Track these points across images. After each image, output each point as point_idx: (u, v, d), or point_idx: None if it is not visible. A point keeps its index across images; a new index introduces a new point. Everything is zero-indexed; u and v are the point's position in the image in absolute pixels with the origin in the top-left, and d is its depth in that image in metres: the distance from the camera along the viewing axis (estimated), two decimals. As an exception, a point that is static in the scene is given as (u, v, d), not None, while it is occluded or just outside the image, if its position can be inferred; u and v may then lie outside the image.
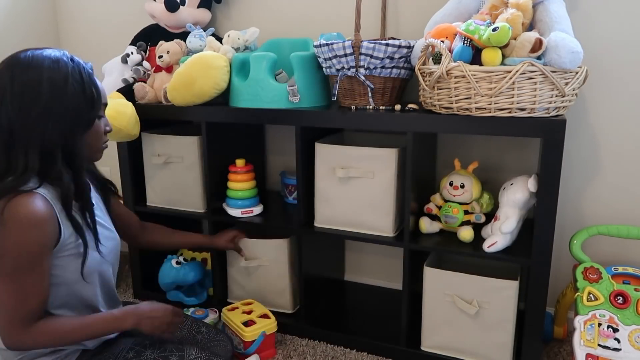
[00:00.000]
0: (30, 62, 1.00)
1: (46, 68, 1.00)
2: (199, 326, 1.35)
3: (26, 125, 0.99)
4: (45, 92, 0.99)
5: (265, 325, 1.50)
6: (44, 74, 1.00)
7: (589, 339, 1.29)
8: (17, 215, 0.95)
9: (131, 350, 1.14)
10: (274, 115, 1.52)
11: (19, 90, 0.98)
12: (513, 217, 1.33)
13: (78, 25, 2.24)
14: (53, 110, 1.00)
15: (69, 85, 1.01)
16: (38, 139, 0.99)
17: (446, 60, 1.22)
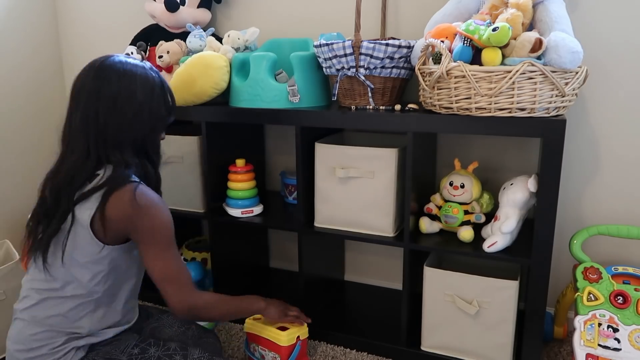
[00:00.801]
0: (124, 67, 1.14)
1: (139, 76, 1.14)
2: (189, 324, 1.36)
3: (121, 124, 1.12)
4: (139, 97, 1.13)
5: (299, 330, 1.45)
6: (137, 81, 1.13)
7: (589, 339, 1.29)
8: (152, 200, 1.11)
9: (136, 347, 1.17)
10: (274, 115, 1.52)
11: (116, 91, 1.11)
12: (513, 217, 1.33)
13: (78, 25, 2.24)
14: (143, 113, 1.14)
15: (155, 93, 1.17)
16: (130, 137, 1.14)
17: (446, 60, 1.22)
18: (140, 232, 1.10)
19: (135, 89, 1.12)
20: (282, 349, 1.41)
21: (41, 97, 2.23)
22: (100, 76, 1.12)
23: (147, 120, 1.16)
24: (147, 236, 1.11)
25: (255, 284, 1.93)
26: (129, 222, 1.09)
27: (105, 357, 1.14)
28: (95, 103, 1.10)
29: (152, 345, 1.18)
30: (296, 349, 1.43)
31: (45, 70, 2.25)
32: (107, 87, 1.11)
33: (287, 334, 1.42)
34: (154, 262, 1.13)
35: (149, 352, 1.17)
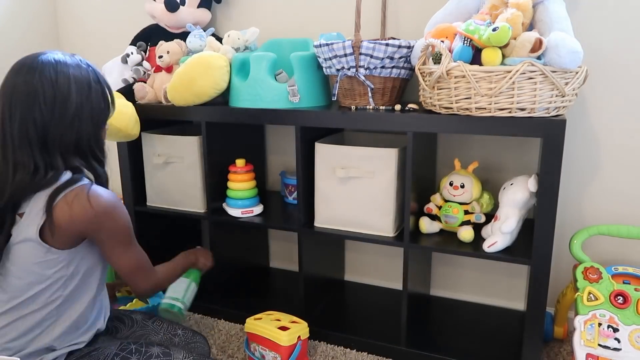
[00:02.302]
0: (56, 66, 1.06)
1: (71, 72, 1.07)
2: (175, 329, 1.33)
3: (60, 126, 1.05)
4: (75, 95, 1.06)
5: (300, 329, 1.45)
6: (71, 78, 1.06)
7: (589, 338, 1.29)
8: (109, 201, 1.07)
9: (117, 356, 1.12)
10: (274, 115, 1.52)
11: (51, 93, 1.04)
12: (513, 217, 1.33)
13: (78, 25, 2.24)
14: (83, 111, 1.07)
15: (92, 88, 1.09)
16: (73, 138, 1.07)
17: (446, 60, 1.22)
18: (103, 235, 1.08)
19: (69, 86, 1.05)
20: (282, 348, 1.41)
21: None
22: (34, 77, 1.03)
23: (88, 118, 1.08)
24: (110, 237, 1.09)
25: (255, 284, 1.93)
26: (88, 226, 1.05)
27: None
28: (31, 110, 1.03)
29: (133, 353, 1.13)
30: (297, 348, 1.43)
31: (45, 70, 2.24)
32: (41, 88, 1.03)
33: (287, 333, 1.42)
34: (121, 259, 1.13)
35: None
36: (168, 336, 1.32)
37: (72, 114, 1.06)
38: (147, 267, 1.21)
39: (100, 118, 1.13)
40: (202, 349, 1.34)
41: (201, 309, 1.80)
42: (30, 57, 1.06)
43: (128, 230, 1.13)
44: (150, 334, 1.31)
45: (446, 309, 1.74)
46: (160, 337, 1.31)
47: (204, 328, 1.71)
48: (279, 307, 1.68)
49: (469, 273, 1.77)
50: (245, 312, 1.64)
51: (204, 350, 1.34)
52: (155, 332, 1.31)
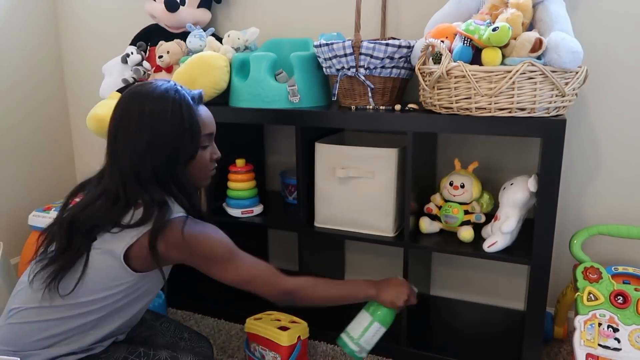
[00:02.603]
0: (137, 95, 1.08)
1: (150, 101, 1.07)
2: (182, 332, 1.34)
3: (134, 156, 1.06)
4: (147, 125, 1.06)
5: (300, 329, 1.45)
6: (146, 106, 1.06)
7: (589, 338, 1.29)
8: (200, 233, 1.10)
9: (125, 359, 1.13)
10: (274, 115, 1.52)
11: (126, 121, 1.06)
12: (513, 217, 1.33)
13: (78, 25, 2.24)
14: (155, 143, 1.06)
15: (168, 119, 1.07)
16: (149, 171, 1.06)
17: (446, 60, 1.22)
18: (197, 260, 1.11)
19: (142, 116, 1.06)
20: (282, 348, 1.41)
21: (41, 97, 2.23)
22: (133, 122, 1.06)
23: (161, 150, 1.07)
24: (204, 260, 1.12)
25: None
26: (181, 255, 1.08)
27: None
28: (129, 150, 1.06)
29: (141, 357, 1.14)
30: (297, 349, 1.43)
31: (46, 70, 2.24)
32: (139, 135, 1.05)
33: (288, 334, 1.42)
34: (226, 276, 1.16)
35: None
36: (174, 339, 1.32)
37: (143, 143, 1.05)
38: (264, 277, 1.19)
39: (180, 150, 1.09)
40: (206, 353, 1.34)
41: (201, 309, 1.80)
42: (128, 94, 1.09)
43: (222, 248, 1.14)
44: (157, 335, 1.31)
45: (446, 309, 1.74)
46: (167, 340, 1.31)
47: (204, 328, 1.71)
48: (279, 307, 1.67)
49: (469, 273, 1.78)
50: (245, 312, 1.64)
51: (208, 354, 1.34)
52: (163, 334, 1.32)
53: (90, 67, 2.25)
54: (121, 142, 1.07)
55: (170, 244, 1.05)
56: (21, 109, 2.15)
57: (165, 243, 1.05)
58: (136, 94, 1.09)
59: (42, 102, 2.23)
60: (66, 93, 2.35)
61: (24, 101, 2.15)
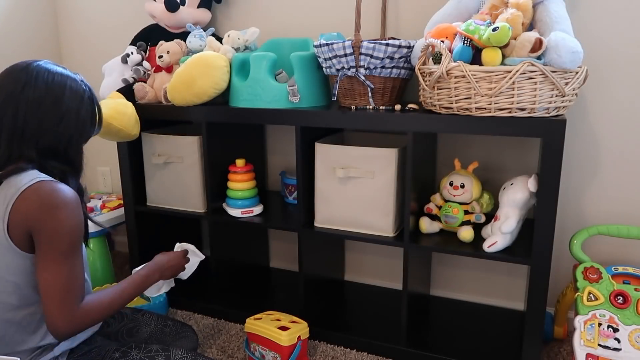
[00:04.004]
0: (54, 71, 1.08)
1: (68, 82, 1.09)
2: (165, 320, 1.37)
3: (43, 126, 1.04)
4: (66, 101, 1.07)
5: (300, 329, 1.46)
6: (67, 85, 1.08)
7: (589, 338, 1.29)
8: (63, 198, 0.99)
9: (117, 351, 1.14)
10: (274, 115, 1.52)
11: (42, 91, 1.04)
12: (513, 217, 1.33)
13: (78, 25, 2.24)
14: (70, 118, 1.07)
15: (84, 102, 1.11)
16: (52, 139, 1.05)
17: (446, 60, 1.22)
18: (42, 234, 0.97)
19: (62, 95, 1.06)
20: (282, 348, 1.41)
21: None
22: (24, 78, 1.04)
23: (73, 127, 1.07)
24: (47, 239, 0.97)
25: (255, 284, 1.93)
26: (32, 218, 0.96)
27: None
28: (15, 103, 1.02)
29: (133, 348, 1.15)
30: (297, 348, 1.43)
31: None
32: (31, 89, 1.03)
33: (288, 333, 1.42)
34: (47, 271, 0.98)
35: (131, 355, 1.14)
36: (159, 327, 1.35)
37: (59, 116, 1.05)
38: (75, 296, 1.00)
39: (85, 131, 1.11)
40: (192, 339, 1.38)
41: (201, 309, 1.80)
42: (30, 61, 1.08)
43: (69, 236, 0.99)
44: (141, 325, 1.33)
45: (446, 309, 1.74)
46: (151, 328, 1.33)
47: (204, 328, 1.71)
48: (279, 307, 1.68)
49: (469, 273, 1.78)
50: (245, 312, 1.64)
51: (193, 339, 1.39)
52: (146, 324, 1.34)
53: (90, 67, 2.25)
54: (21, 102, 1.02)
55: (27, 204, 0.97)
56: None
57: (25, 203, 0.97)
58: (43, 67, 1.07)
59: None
60: (66, 93, 2.34)
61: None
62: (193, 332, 1.41)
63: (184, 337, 1.37)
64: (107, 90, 1.77)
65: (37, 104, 1.03)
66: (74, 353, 1.12)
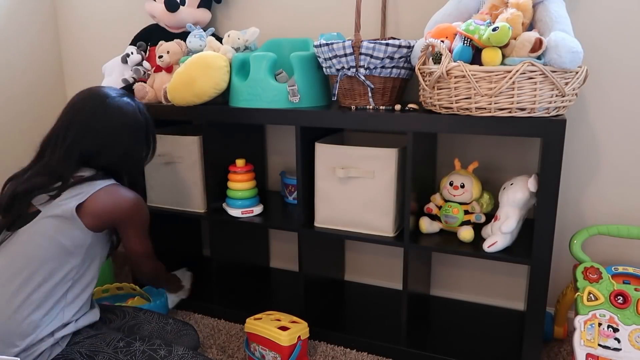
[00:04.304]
0: (124, 104, 1.29)
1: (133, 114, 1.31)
2: (166, 319, 1.41)
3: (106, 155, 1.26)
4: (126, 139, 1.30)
5: (300, 329, 1.46)
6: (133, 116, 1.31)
7: (589, 338, 1.29)
8: (137, 197, 1.27)
9: (122, 340, 1.20)
10: (274, 115, 1.52)
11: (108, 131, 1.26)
12: (513, 217, 1.33)
13: (78, 25, 2.24)
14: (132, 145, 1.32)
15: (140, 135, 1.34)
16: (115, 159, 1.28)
17: (446, 60, 1.22)
18: (129, 223, 1.26)
19: (125, 130, 1.28)
20: (282, 348, 1.41)
21: (41, 97, 2.23)
22: (96, 112, 1.25)
23: (128, 159, 1.31)
24: (133, 226, 1.28)
25: (255, 284, 1.93)
26: (121, 215, 1.23)
27: (89, 349, 1.16)
28: (84, 138, 1.23)
29: (137, 340, 1.21)
30: (297, 348, 1.43)
31: (46, 70, 2.25)
32: (99, 124, 1.24)
33: (288, 333, 1.42)
34: (136, 244, 1.30)
35: (134, 346, 1.19)
36: (160, 324, 1.38)
37: (122, 152, 1.28)
38: (153, 257, 1.36)
39: (140, 159, 1.37)
40: (193, 337, 1.42)
41: (201, 309, 1.80)
42: (102, 94, 1.27)
43: (144, 221, 1.31)
44: (142, 323, 1.37)
45: (446, 309, 1.74)
46: (152, 326, 1.37)
47: (204, 328, 1.71)
48: (279, 307, 1.68)
49: (469, 273, 1.78)
50: (245, 312, 1.64)
51: (194, 337, 1.42)
52: (148, 322, 1.38)
53: (90, 67, 2.25)
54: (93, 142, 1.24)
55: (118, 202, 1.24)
56: (21, 109, 2.15)
57: (113, 199, 1.22)
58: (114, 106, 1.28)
59: (42, 103, 2.23)
60: (66, 93, 2.35)
61: (23, 101, 2.15)
62: (194, 331, 1.43)
63: (185, 334, 1.39)
64: (107, 90, 1.77)
65: (102, 138, 1.24)
66: (80, 334, 1.19)
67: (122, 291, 1.81)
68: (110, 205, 1.21)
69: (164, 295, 1.74)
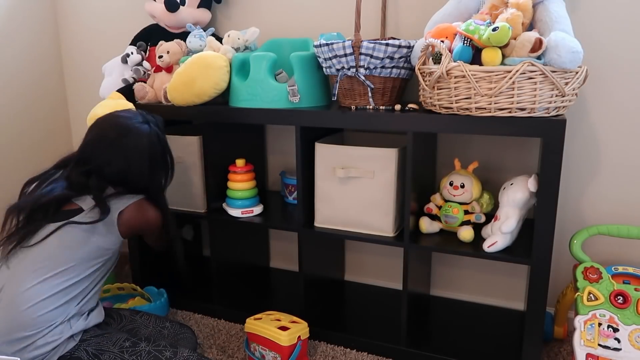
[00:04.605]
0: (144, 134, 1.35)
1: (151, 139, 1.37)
2: (163, 322, 1.42)
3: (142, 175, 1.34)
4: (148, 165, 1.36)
5: (300, 329, 1.46)
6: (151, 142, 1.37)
7: (589, 338, 1.29)
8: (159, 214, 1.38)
9: (127, 340, 1.22)
10: (274, 115, 1.52)
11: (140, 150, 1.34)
12: (513, 217, 1.33)
13: (78, 25, 2.24)
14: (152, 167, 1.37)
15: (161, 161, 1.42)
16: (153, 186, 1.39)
17: (446, 60, 1.22)
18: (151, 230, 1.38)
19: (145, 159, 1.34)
20: (282, 348, 1.41)
21: (41, 97, 2.23)
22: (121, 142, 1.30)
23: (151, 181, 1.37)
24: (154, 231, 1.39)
25: (255, 284, 1.93)
26: (149, 227, 1.35)
27: (96, 348, 1.18)
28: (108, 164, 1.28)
29: (142, 341, 1.23)
30: (297, 348, 1.43)
31: (46, 70, 2.25)
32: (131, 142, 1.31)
33: (288, 333, 1.42)
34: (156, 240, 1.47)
35: (140, 346, 1.21)
36: (157, 329, 1.39)
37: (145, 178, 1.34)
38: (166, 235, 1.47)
39: (162, 182, 1.43)
40: (191, 340, 1.42)
41: (201, 309, 1.80)
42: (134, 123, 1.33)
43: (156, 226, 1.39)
44: (139, 327, 1.37)
45: (446, 309, 1.74)
46: (149, 330, 1.38)
47: (204, 328, 1.71)
48: (279, 307, 1.68)
49: (469, 273, 1.78)
50: (245, 312, 1.64)
51: (192, 340, 1.43)
52: (145, 326, 1.38)
53: (90, 66, 2.25)
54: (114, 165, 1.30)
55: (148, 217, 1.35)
56: (21, 109, 2.15)
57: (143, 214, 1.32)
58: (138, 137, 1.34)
59: (42, 103, 2.23)
60: (66, 93, 2.35)
61: (24, 101, 2.15)
62: (192, 333, 1.43)
63: (182, 338, 1.40)
64: (107, 91, 1.77)
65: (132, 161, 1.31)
66: (88, 333, 1.21)
67: (123, 291, 1.82)
68: (140, 219, 1.30)
69: (164, 295, 1.75)
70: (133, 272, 1.92)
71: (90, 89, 2.25)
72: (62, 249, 1.19)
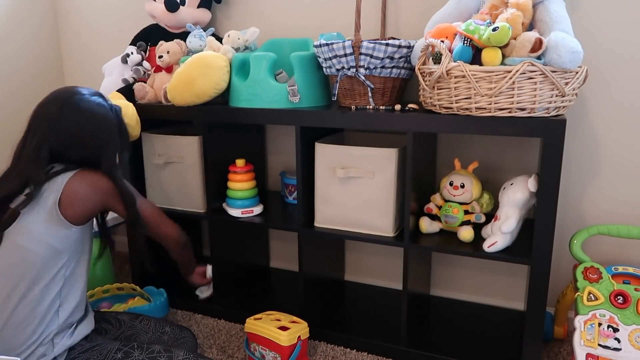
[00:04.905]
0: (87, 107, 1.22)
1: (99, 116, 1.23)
2: (163, 327, 1.37)
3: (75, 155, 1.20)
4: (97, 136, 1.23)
5: (300, 329, 1.46)
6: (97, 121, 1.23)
7: (589, 338, 1.29)
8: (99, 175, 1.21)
9: (119, 351, 1.16)
10: (274, 115, 1.52)
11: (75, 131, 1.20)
12: (513, 217, 1.33)
13: (78, 25, 2.24)
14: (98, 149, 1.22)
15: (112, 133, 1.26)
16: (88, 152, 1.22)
17: (446, 60, 1.22)
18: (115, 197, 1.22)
19: (94, 129, 1.21)
20: (282, 348, 1.41)
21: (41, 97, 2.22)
22: (63, 111, 1.19)
23: (100, 154, 1.22)
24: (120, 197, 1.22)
25: (255, 284, 1.93)
26: (100, 197, 1.19)
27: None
28: (52, 137, 1.17)
29: (135, 349, 1.17)
30: (297, 348, 1.43)
31: (46, 70, 2.25)
32: (67, 123, 1.18)
33: (288, 333, 1.42)
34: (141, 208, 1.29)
35: (133, 356, 1.16)
36: (157, 334, 1.35)
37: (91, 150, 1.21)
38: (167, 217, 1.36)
39: (113, 157, 1.25)
40: (191, 343, 1.39)
41: (201, 309, 1.80)
42: (68, 93, 1.22)
43: (135, 191, 1.27)
44: (139, 333, 1.33)
45: (446, 309, 1.74)
46: (149, 336, 1.33)
47: (204, 328, 1.71)
48: (279, 307, 1.68)
49: (469, 273, 1.78)
50: (245, 312, 1.64)
51: (192, 343, 1.40)
52: (144, 331, 1.34)
53: (90, 66, 2.25)
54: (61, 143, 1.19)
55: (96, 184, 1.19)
56: (21, 108, 2.14)
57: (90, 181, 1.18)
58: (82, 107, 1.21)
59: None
60: (66, 93, 2.34)
61: (24, 101, 2.15)
62: (192, 336, 1.41)
63: (182, 342, 1.37)
64: (107, 90, 1.77)
65: (70, 139, 1.19)
66: (74, 350, 1.14)
67: (122, 291, 1.81)
68: (87, 188, 1.16)
69: (164, 295, 1.75)
70: (133, 272, 1.92)
71: (90, 89, 2.25)
72: (11, 265, 1.09)
